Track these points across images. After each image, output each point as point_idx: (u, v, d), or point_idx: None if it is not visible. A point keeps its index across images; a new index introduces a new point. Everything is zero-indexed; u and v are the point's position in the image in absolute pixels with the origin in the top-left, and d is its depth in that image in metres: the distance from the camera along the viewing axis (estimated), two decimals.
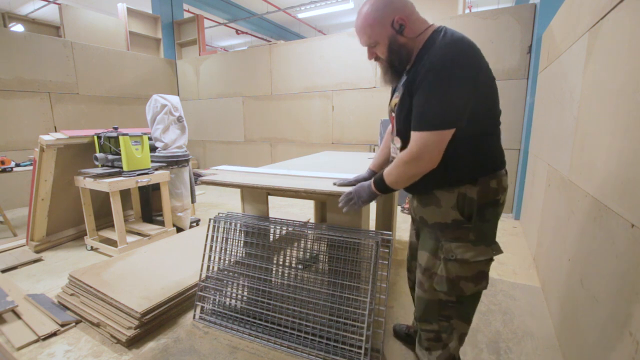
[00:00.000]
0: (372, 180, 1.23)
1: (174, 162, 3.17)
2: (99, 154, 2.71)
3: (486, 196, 1.08)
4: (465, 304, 1.17)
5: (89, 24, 5.31)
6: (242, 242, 1.82)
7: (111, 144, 2.81)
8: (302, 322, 1.61)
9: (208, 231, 1.87)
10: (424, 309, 1.22)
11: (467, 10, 6.98)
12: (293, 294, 1.67)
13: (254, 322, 1.74)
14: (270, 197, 1.84)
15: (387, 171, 1.16)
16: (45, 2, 7.72)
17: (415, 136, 1.03)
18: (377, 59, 1.16)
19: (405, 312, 1.94)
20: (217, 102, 6.01)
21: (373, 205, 3.10)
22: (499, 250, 1.13)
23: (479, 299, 1.21)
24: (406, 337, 1.68)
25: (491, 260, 1.13)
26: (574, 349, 1.42)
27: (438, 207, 1.12)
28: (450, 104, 0.98)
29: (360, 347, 1.47)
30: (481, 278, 1.13)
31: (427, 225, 1.18)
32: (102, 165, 2.78)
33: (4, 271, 2.50)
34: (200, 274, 1.87)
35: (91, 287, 1.89)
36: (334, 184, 1.50)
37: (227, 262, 1.85)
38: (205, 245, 1.88)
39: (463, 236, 1.09)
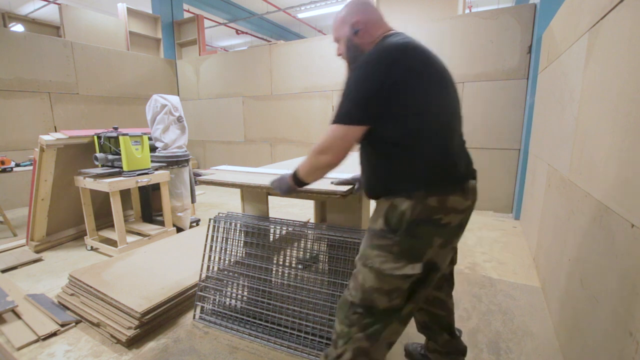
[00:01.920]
0: (292, 172, 1.25)
1: (174, 162, 3.17)
2: (99, 154, 2.71)
3: (420, 213, 0.98)
4: (374, 317, 1.04)
5: (89, 24, 5.31)
6: (242, 242, 1.82)
7: (111, 144, 2.81)
8: (302, 322, 1.61)
9: (208, 231, 1.87)
10: (338, 305, 1.15)
11: (467, 10, 6.98)
12: (293, 294, 1.67)
13: (254, 322, 1.74)
14: (270, 197, 1.84)
15: (300, 163, 1.19)
16: (45, 2, 7.72)
17: (327, 129, 1.07)
18: (341, 55, 1.26)
19: None
20: (217, 102, 6.01)
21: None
22: (417, 270, 0.99)
23: (394, 319, 1.04)
24: (421, 358, 1.53)
25: (410, 278, 1.00)
26: (574, 349, 1.42)
27: (375, 213, 1.10)
28: (354, 101, 1.01)
29: None
30: (396, 295, 1.01)
31: (367, 231, 1.13)
32: (102, 165, 2.78)
33: (4, 271, 2.50)
34: (200, 274, 1.87)
35: (91, 287, 1.89)
36: (331, 182, 1.51)
37: (227, 262, 1.85)
38: (205, 245, 1.87)
39: (386, 246, 1.02)
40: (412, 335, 1.65)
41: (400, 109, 0.99)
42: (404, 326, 1.07)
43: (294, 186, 1.24)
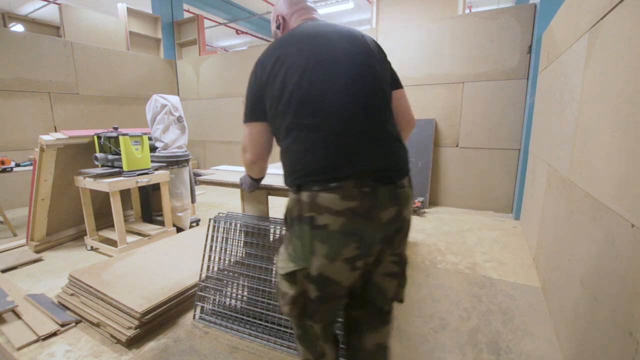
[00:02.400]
0: None
1: (174, 162, 3.17)
2: (99, 154, 2.71)
3: (296, 208, 0.93)
4: (300, 329, 1.04)
5: (89, 24, 5.31)
6: (242, 242, 1.82)
7: (111, 144, 2.81)
8: None
9: (208, 231, 1.87)
10: None
11: (467, 10, 6.98)
12: None
13: (254, 322, 1.74)
14: (270, 197, 1.84)
15: None
16: (45, 2, 7.72)
17: None
18: None
19: (404, 313, 1.94)
20: (217, 102, 6.01)
21: None
22: (287, 270, 0.96)
23: (309, 334, 1.03)
24: None
25: (293, 283, 0.95)
26: (574, 349, 1.42)
27: None
28: (246, 101, 1.09)
29: None
30: (286, 300, 0.97)
31: None
32: (102, 165, 2.78)
33: (4, 271, 2.50)
34: (200, 274, 1.87)
35: (91, 287, 1.88)
36: None
37: (227, 262, 1.85)
38: (205, 245, 1.87)
39: (284, 245, 1.01)
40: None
41: (268, 106, 1.01)
42: (325, 341, 1.05)
43: (253, 182, 1.38)
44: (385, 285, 1.04)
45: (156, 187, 3.16)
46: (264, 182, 1.60)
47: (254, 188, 1.46)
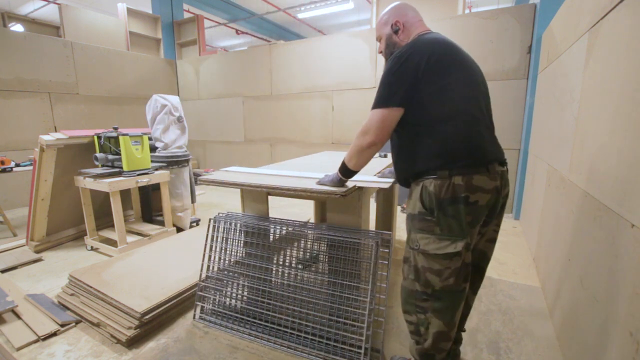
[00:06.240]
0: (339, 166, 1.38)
1: (174, 162, 3.17)
2: (99, 154, 2.71)
3: (445, 192, 1.09)
4: (441, 300, 1.16)
5: (89, 24, 5.31)
6: (242, 242, 1.82)
7: (111, 144, 2.81)
8: (302, 322, 1.61)
9: (208, 231, 1.87)
10: (404, 298, 1.28)
11: (467, 10, 6.97)
12: (293, 294, 1.67)
13: (254, 322, 1.74)
14: (270, 197, 1.84)
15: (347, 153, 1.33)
16: (45, 2, 7.72)
17: (368, 114, 1.22)
18: (381, 52, 1.39)
19: None
20: (217, 102, 6.01)
21: (373, 205, 3.09)
22: (459, 248, 1.09)
23: (459, 299, 1.17)
24: None
25: (458, 256, 1.10)
26: (574, 349, 1.42)
27: (410, 199, 1.22)
28: (386, 87, 1.16)
29: (360, 347, 1.47)
30: (448, 274, 1.12)
31: (407, 217, 1.26)
32: (102, 165, 2.78)
33: (4, 271, 2.50)
34: (200, 274, 1.87)
35: (91, 287, 1.88)
36: (375, 175, 1.64)
37: (227, 262, 1.85)
38: (205, 245, 1.87)
39: (427, 228, 1.14)
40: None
41: (425, 95, 1.12)
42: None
43: (342, 178, 1.39)
44: (487, 250, 1.34)
45: (156, 187, 3.16)
46: (264, 182, 1.60)
47: (342, 184, 1.43)
